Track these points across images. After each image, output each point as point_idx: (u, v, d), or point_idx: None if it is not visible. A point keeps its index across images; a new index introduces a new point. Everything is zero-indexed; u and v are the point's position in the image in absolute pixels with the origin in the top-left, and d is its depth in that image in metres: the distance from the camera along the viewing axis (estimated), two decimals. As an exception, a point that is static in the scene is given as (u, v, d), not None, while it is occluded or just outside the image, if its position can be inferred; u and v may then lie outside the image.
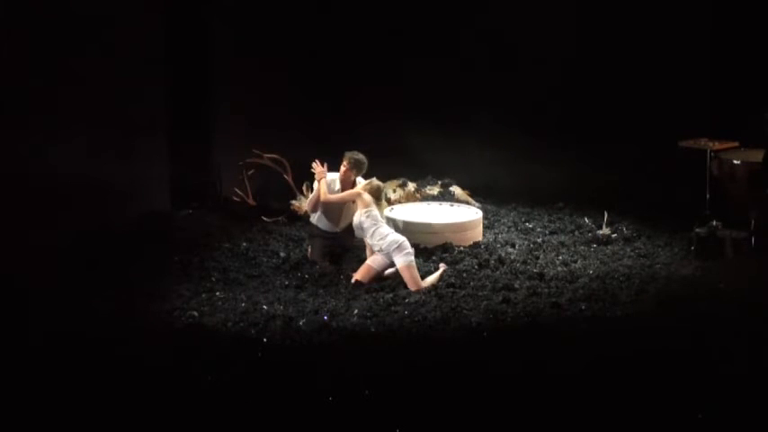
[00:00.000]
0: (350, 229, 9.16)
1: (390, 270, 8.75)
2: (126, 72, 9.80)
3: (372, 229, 8.70)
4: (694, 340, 6.98)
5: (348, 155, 9.23)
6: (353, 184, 9.23)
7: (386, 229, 8.76)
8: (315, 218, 9.37)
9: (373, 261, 8.71)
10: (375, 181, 9.06)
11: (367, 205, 8.80)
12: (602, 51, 11.30)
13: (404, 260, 8.55)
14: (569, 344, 7.02)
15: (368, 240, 8.77)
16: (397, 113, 11.69)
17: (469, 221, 9.77)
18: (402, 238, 8.65)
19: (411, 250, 8.63)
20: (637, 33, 11.24)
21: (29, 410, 6.14)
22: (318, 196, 9.21)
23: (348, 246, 9.36)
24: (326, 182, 9.21)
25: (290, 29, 11.81)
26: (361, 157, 9.22)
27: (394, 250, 8.56)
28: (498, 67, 11.71)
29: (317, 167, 9.19)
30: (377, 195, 8.95)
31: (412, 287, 8.41)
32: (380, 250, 8.65)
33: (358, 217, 8.83)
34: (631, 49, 11.23)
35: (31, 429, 6.06)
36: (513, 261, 9.01)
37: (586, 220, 10.35)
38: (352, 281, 8.65)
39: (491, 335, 7.26)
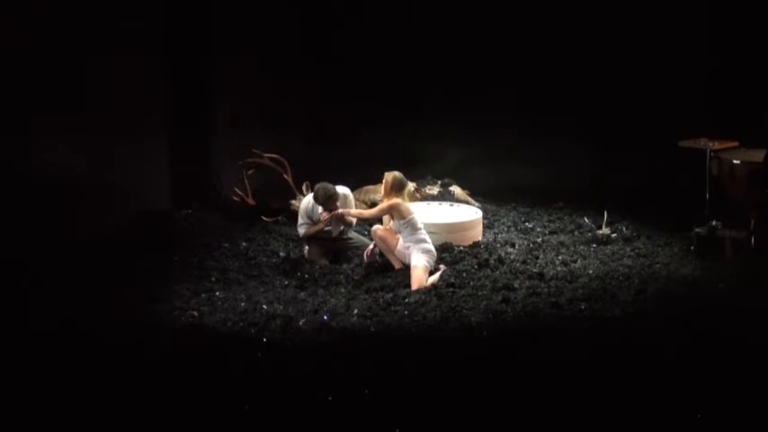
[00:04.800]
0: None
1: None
2: (126, 72, 9.81)
3: (410, 232, 8.79)
4: (694, 340, 6.98)
5: (318, 197, 9.11)
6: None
7: (425, 235, 8.83)
8: (303, 229, 9.37)
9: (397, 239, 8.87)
10: (390, 174, 8.96)
11: (403, 216, 8.81)
12: (603, 51, 11.28)
13: (423, 262, 8.64)
14: (569, 344, 7.01)
15: (402, 241, 8.83)
16: (398, 113, 11.69)
17: (469, 221, 9.77)
18: (434, 252, 8.79)
19: (433, 260, 8.75)
20: (637, 33, 11.23)
21: (29, 410, 6.15)
22: (318, 230, 9.26)
23: (346, 246, 9.37)
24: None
25: (291, 29, 11.81)
26: (323, 192, 9.06)
27: (419, 252, 8.62)
28: (498, 68, 11.70)
29: (324, 215, 9.18)
30: (401, 186, 8.91)
31: (415, 286, 8.43)
32: (409, 246, 8.75)
33: (395, 227, 8.89)
34: (631, 49, 11.22)
35: (31, 429, 6.06)
36: (512, 261, 9.01)
37: (586, 220, 10.35)
38: (372, 229, 8.95)
39: (491, 335, 7.26)
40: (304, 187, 10.20)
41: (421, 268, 8.59)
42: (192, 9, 10.82)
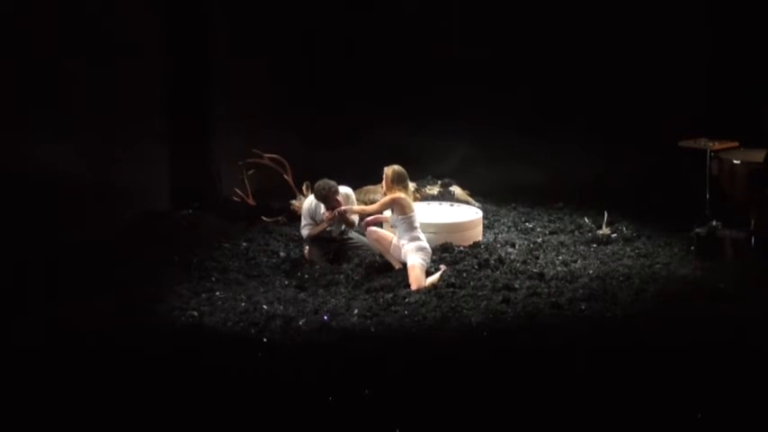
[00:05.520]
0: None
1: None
2: (126, 72, 9.82)
3: (405, 229, 8.75)
4: (694, 340, 6.98)
5: (319, 192, 9.10)
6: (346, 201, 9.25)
7: (420, 234, 8.80)
8: (306, 230, 9.36)
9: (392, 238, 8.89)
10: (389, 168, 8.91)
11: (404, 212, 8.78)
12: (602, 51, 11.30)
13: (419, 261, 8.62)
14: (569, 344, 7.01)
15: (396, 237, 8.83)
16: (397, 113, 11.70)
17: (469, 221, 9.77)
18: (428, 249, 8.76)
19: (428, 258, 8.73)
20: (637, 33, 11.24)
21: (29, 410, 6.15)
22: (321, 230, 9.23)
23: (346, 246, 9.37)
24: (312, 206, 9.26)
25: (291, 30, 11.82)
26: (322, 186, 9.06)
27: (413, 250, 8.62)
28: (498, 68, 11.71)
29: (327, 215, 9.17)
30: (402, 179, 8.86)
31: (414, 286, 8.42)
32: (403, 244, 8.74)
33: (392, 220, 8.89)
34: (632, 50, 11.24)
35: (31, 429, 6.06)
36: (513, 261, 9.00)
37: (586, 220, 10.35)
38: (368, 231, 8.92)
39: (491, 335, 7.26)
40: (304, 188, 10.20)
41: (418, 267, 8.58)
42: (191, 9, 10.82)
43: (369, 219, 9.01)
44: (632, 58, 11.24)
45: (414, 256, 8.64)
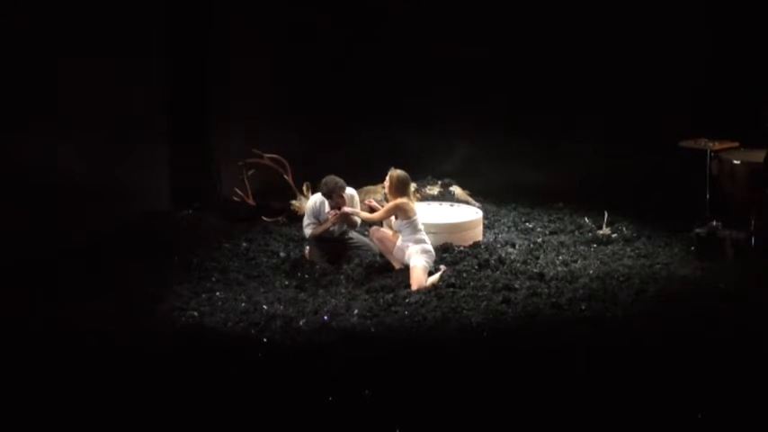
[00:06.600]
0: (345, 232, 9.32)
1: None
2: (126, 72, 9.82)
3: (410, 232, 8.77)
4: (694, 340, 6.98)
5: (324, 187, 9.08)
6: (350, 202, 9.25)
7: (424, 236, 8.82)
8: (309, 229, 9.33)
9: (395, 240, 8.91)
10: (394, 173, 8.90)
11: (408, 216, 8.79)
12: (603, 51, 11.29)
13: (422, 262, 8.63)
14: (570, 344, 7.01)
15: (401, 239, 8.86)
16: (397, 113, 11.69)
17: (469, 221, 9.77)
18: (432, 252, 8.80)
19: (432, 260, 8.75)
20: (637, 33, 11.23)
21: (28, 410, 6.15)
22: (324, 230, 9.19)
23: (346, 246, 9.37)
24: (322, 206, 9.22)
25: (289, 31, 11.81)
26: (326, 183, 9.05)
27: (418, 252, 8.63)
28: (497, 68, 11.70)
29: (331, 214, 9.14)
30: (405, 185, 8.86)
31: (414, 286, 8.42)
32: (407, 246, 8.75)
33: (396, 226, 8.90)
34: (632, 50, 11.23)
35: (31, 429, 6.06)
36: (513, 261, 9.00)
37: (586, 220, 10.35)
38: (371, 231, 8.96)
39: (491, 335, 7.26)
40: (305, 188, 10.20)
41: (420, 268, 8.59)
42: (192, 9, 10.82)
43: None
44: (632, 58, 11.23)
45: (418, 258, 8.65)
